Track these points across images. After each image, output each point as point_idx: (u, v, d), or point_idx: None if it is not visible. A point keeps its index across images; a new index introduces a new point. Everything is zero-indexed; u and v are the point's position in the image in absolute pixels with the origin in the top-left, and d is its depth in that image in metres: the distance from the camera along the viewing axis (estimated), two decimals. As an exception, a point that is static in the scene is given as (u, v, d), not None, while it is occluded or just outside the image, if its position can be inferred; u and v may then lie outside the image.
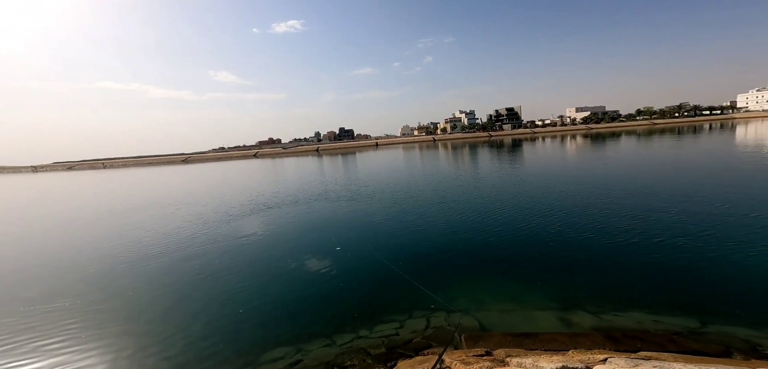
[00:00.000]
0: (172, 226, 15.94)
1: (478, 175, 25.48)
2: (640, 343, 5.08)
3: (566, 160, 31.21)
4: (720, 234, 9.29)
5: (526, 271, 8.21)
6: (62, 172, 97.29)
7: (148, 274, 10.04)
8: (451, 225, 12.56)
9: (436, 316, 6.50)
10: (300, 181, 30.56)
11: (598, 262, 8.43)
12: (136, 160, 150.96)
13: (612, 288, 7.13)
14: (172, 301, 8.23)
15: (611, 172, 21.58)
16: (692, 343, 5.08)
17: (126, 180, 50.56)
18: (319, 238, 12.45)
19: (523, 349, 5.07)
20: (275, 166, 58.91)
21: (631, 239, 9.53)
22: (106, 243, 13.81)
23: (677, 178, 17.75)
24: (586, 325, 5.86)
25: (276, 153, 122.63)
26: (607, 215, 11.95)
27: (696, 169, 20.37)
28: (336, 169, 41.39)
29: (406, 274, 8.34)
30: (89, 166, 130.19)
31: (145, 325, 7.19)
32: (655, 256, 8.39)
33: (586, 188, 16.97)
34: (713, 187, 14.87)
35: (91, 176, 67.06)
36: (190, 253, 11.68)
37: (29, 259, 12.33)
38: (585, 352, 4.69)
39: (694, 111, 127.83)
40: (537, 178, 22.01)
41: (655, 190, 15.25)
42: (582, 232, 10.52)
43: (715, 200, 12.63)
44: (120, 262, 11.27)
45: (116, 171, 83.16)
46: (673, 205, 12.40)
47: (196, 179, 43.54)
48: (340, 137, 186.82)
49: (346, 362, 5.44)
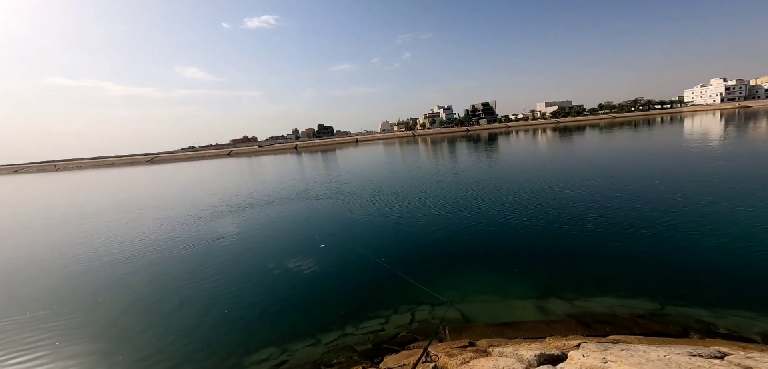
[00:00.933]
0: (141, 229, 15.11)
1: (458, 169, 26.05)
2: (609, 327, 5.47)
3: (538, 154, 32.57)
4: (677, 221, 10.10)
5: (506, 262, 8.55)
6: (7, 176, 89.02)
7: (118, 281, 9.47)
8: (432, 219, 12.79)
9: (421, 310, 6.64)
10: (279, 180, 29.86)
11: (571, 250, 8.93)
12: (94, 161, 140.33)
13: (583, 275, 7.58)
14: (149, 306, 7.83)
15: (579, 165, 22.79)
16: (654, 325, 5.53)
17: (82, 183, 47.12)
18: (302, 236, 12.28)
19: (504, 338, 5.30)
20: (251, 164, 57.12)
21: (598, 228, 10.15)
22: (65, 250, 12.87)
23: (637, 169, 19.05)
24: (561, 312, 6.21)
25: (252, 151, 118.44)
26: (577, 206, 12.64)
27: (653, 160, 21.95)
28: (316, 167, 40.79)
29: (389, 265, 8.43)
30: (38, 168, 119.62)
31: (121, 332, 6.82)
32: (620, 243, 9.00)
33: (558, 180, 17.83)
34: (669, 177, 16.11)
35: (40, 180, 61.81)
36: (164, 256, 11.14)
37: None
38: (560, 339, 4.98)
39: (647, 105, 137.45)
40: (513, 171, 22.84)
41: (619, 181, 16.29)
42: (555, 222, 11.08)
43: (672, 190, 13.70)
44: (82, 270, 10.56)
45: (70, 174, 76.30)
46: (636, 195, 13.32)
47: (164, 180, 41.35)
48: (320, 134, 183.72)
49: (332, 360, 5.45)
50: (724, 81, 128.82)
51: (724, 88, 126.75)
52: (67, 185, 43.09)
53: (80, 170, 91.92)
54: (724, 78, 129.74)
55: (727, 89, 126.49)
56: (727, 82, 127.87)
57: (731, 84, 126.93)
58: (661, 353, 3.76)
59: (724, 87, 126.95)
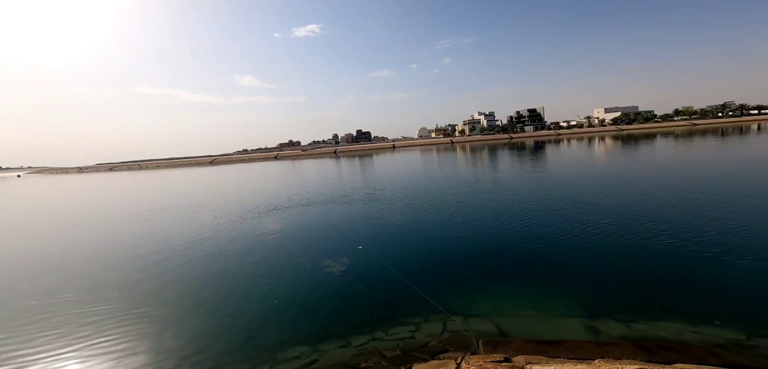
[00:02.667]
0: (196, 224, 16.59)
1: (498, 178, 24.83)
2: (675, 355, 4.71)
3: (594, 163, 29.82)
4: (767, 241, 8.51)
5: (550, 278, 7.86)
6: (104, 173, 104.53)
7: (171, 272, 10.43)
8: (469, 228, 12.27)
9: (453, 321, 6.34)
10: (318, 183, 31.00)
11: (629, 269, 7.94)
12: (168, 161, 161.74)
13: (644, 296, 6.69)
14: (193, 299, 8.50)
15: (642, 176, 20.38)
16: (737, 356, 4.65)
17: (158, 180, 53.32)
18: (335, 239, 12.54)
19: (544, 356, 4.83)
20: (295, 167, 60.19)
21: (665, 246, 8.92)
22: (140, 240, 14.56)
23: (717, 182, 16.49)
24: (614, 333, 5.51)
25: (296, 155, 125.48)
26: (640, 219, 11.27)
27: (739, 171, 18.84)
28: (353, 172, 41.69)
29: (422, 272, 8.21)
30: (127, 167, 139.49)
31: (165, 321, 7.43)
32: (694, 264, 7.81)
33: (616, 192, 16.11)
34: (761, 192, 13.68)
35: (129, 176, 71.63)
36: (211, 251, 12.07)
37: (72, 255, 13.21)
38: (613, 362, 4.40)
39: (740, 110, 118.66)
40: (560, 181, 21.15)
41: (693, 194, 14.23)
42: (611, 238, 9.98)
43: (764, 206, 11.60)
44: (146, 260, 11.83)
45: (150, 172, 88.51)
46: (715, 211, 11.51)
47: (222, 180, 45.20)
48: (358, 139, 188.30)
49: (361, 364, 5.40)
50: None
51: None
52: (148, 182, 49.20)
53: (158, 169, 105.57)
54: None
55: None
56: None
57: None
58: (744, 392, 3.11)
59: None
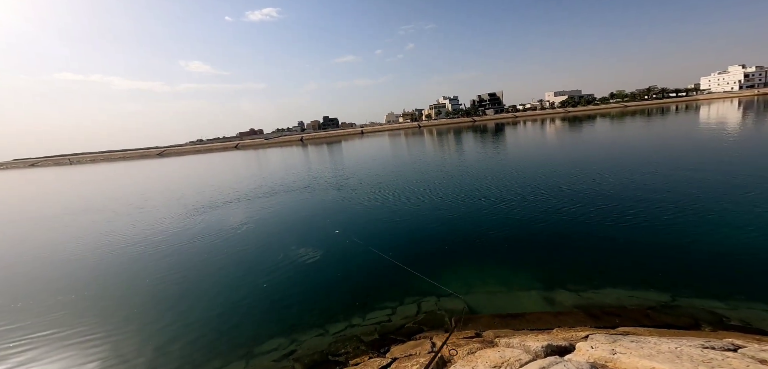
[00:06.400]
0: (153, 220, 15.41)
1: (464, 161, 25.83)
2: (618, 319, 5.40)
3: (547, 144, 32.05)
4: (689, 212, 9.86)
5: (512, 254, 8.49)
6: (24, 170, 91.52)
7: (132, 271, 9.72)
8: (437, 211, 12.75)
9: (427, 302, 6.66)
10: (285, 172, 30.05)
11: (578, 242, 8.81)
12: (106, 155, 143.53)
13: (591, 266, 7.49)
14: (160, 295, 8.04)
15: (586, 155, 22.37)
16: (665, 317, 5.45)
17: (97, 176, 48.17)
18: (308, 228, 12.38)
19: (510, 329, 5.29)
20: (259, 156, 57.55)
21: (606, 219, 9.98)
22: (87, 240, 13.23)
23: (647, 159, 18.61)
24: (568, 303, 6.16)
25: (258, 144, 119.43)
26: (584, 197, 12.43)
27: (665, 149, 21.40)
28: (322, 159, 40.90)
29: (396, 260, 8.46)
30: (54, 162, 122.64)
31: (132, 320, 7.00)
32: (629, 234, 8.84)
33: (565, 171, 17.55)
34: (680, 167, 15.70)
35: (57, 173, 63.44)
36: (174, 247, 11.37)
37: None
38: (568, 330, 4.95)
39: (661, 93, 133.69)
40: (519, 162, 22.54)
41: (627, 170, 15.95)
42: (562, 213, 10.93)
43: (683, 179, 13.36)
44: (101, 259, 10.85)
45: (85, 167, 78.35)
46: (645, 185, 13.03)
47: (174, 173, 42.01)
48: (325, 126, 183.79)
49: (339, 350, 5.52)
50: (743, 68, 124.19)
51: (743, 74, 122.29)
52: (84, 179, 44.16)
53: (94, 163, 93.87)
54: (743, 65, 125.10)
55: (746, 76, 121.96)
56: (747, 68, 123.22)
57: (751, 70, 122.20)
58: (672, 345, 3.70)
59: (742, 74, 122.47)
